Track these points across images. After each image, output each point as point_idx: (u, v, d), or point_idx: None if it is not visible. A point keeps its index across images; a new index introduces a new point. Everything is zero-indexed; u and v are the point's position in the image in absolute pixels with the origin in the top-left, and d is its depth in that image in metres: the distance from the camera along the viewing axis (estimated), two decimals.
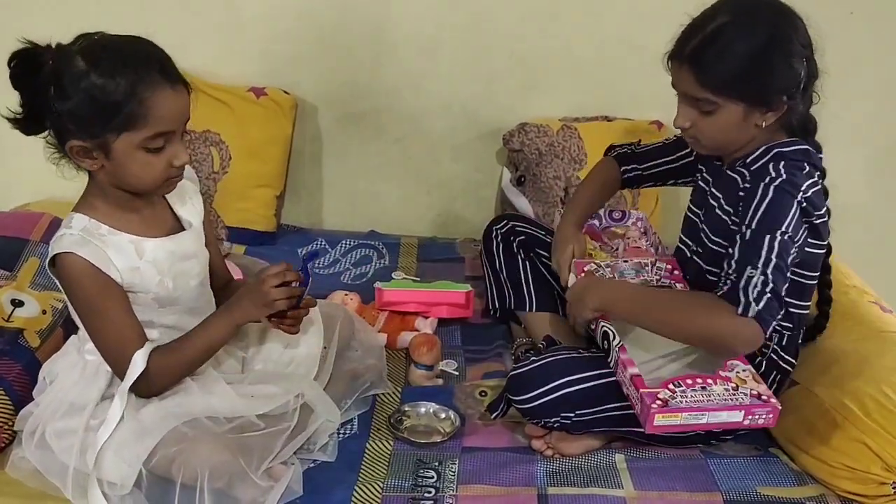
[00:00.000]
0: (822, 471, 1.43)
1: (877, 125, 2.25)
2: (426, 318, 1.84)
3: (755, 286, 1.29)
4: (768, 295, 1.29)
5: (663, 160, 1.69)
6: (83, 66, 1.20)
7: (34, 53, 1.22)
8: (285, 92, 2.25)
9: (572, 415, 1.43)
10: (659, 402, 1.28)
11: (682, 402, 1.29)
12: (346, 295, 1.88)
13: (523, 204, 2.21)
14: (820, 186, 1.40)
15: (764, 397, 1.31)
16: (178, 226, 1.41)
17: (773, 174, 1.36)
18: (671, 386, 1.31)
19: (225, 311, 1.38)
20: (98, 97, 1.20)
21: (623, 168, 1.72)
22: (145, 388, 1.32)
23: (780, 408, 1.31)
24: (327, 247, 2.26)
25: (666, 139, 1.73)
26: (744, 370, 1.36)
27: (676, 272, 1.58)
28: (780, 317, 1.34)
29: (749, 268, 1.30)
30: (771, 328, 1.31)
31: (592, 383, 1.43)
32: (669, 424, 1.29)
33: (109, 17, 2.18)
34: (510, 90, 2.25)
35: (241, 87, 2.23)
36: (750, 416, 1.30)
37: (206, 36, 2.23)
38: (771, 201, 1.33)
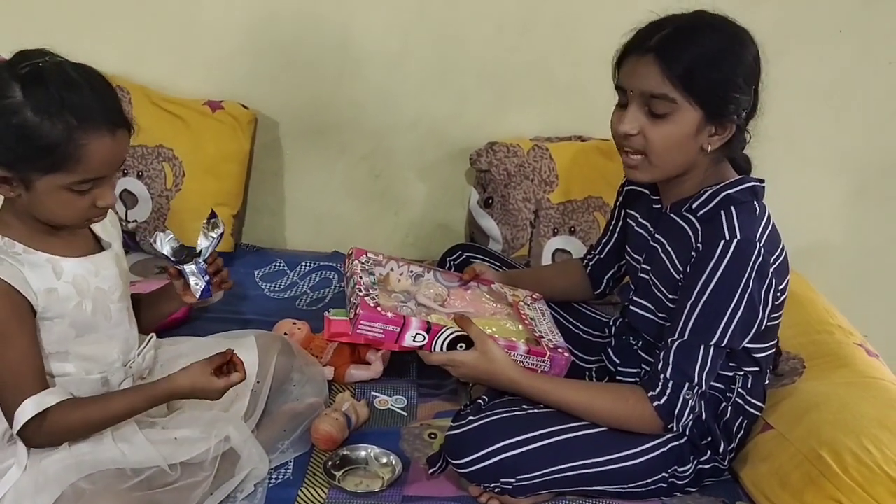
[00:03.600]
0: None
1: (866, 149, 2.13)
2: (378, 350, 1.71)
3: (684, 399, 1.30)
4: (691, 404, 1.31)
5: (611, 228, 1.62)
6: (19, 98, 1.11)
7: None
8: (244, 106, 2.14)
9: (513, 480, 1.31)
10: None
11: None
12: (295, 324, 1.76)
13: (491, 227, 2.10)
14: (772, 224, 1.32)
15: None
16: (97, 247, 1.33)
17: (727, 231, 1.27)
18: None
19: (153, 384, 1.28)
20: (29, 136, 1.12)
21: (584, 261, 1.69)
22: (32, 438, 1.19)
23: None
24: (286, 268, 2.16)
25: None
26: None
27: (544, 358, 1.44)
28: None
29: (682, 377, 1.29)
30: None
31: (534, 445, 1.31)
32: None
33: (62, 27, 2.11)
34: (480, 107, 2.14)
35: (197, 100, 2.13)
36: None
37: (161, 46, 2.12)
38: (724, 273, 1.26)
